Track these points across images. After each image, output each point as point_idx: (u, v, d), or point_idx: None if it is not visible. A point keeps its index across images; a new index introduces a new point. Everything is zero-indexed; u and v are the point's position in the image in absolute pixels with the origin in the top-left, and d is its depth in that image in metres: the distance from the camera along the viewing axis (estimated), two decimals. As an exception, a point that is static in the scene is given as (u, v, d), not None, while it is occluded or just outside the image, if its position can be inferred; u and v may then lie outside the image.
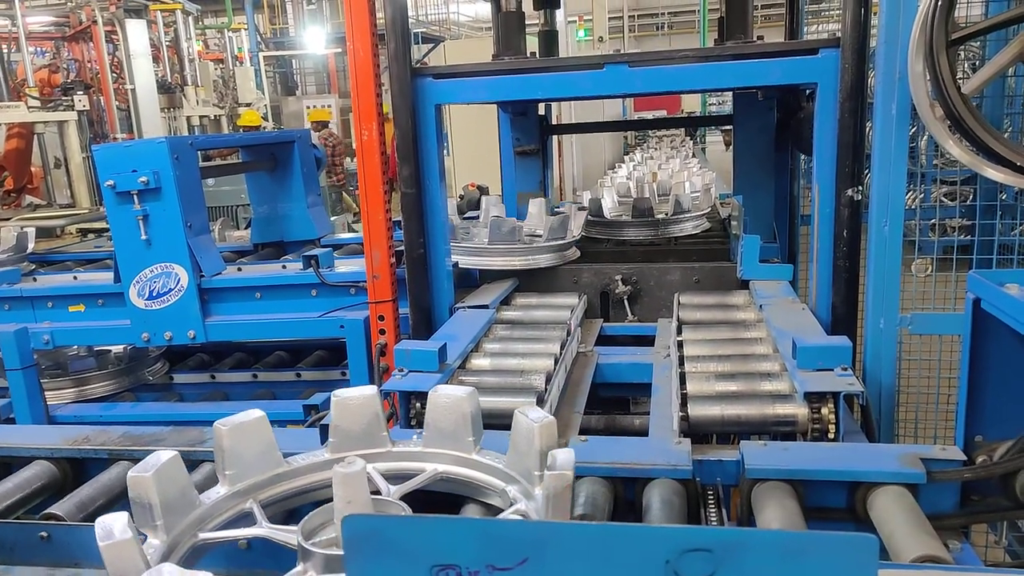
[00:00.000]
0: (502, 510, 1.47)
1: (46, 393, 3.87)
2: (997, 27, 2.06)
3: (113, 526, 1.17)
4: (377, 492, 1.51)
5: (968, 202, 5.20)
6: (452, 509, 1.63)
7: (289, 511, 1.60)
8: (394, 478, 1.59)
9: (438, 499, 1.64)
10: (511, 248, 3.18)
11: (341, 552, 1.25)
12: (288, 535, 1.39)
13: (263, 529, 1.43)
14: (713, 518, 1.59)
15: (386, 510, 1.44)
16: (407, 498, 1.53)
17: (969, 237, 3.67)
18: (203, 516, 1.44)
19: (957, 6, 2.01)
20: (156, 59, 12.37)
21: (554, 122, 5.28)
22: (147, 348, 4.16)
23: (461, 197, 6.03)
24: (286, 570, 1.28)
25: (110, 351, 4.26)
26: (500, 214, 3.63)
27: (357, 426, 1.64)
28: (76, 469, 1.92)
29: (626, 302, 3.11)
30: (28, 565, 1.50)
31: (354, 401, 1.63)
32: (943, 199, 7.07)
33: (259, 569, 1.56)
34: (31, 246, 4.53)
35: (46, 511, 1.69)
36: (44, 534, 1.51)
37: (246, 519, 1.49)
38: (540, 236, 3.35)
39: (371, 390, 1.65)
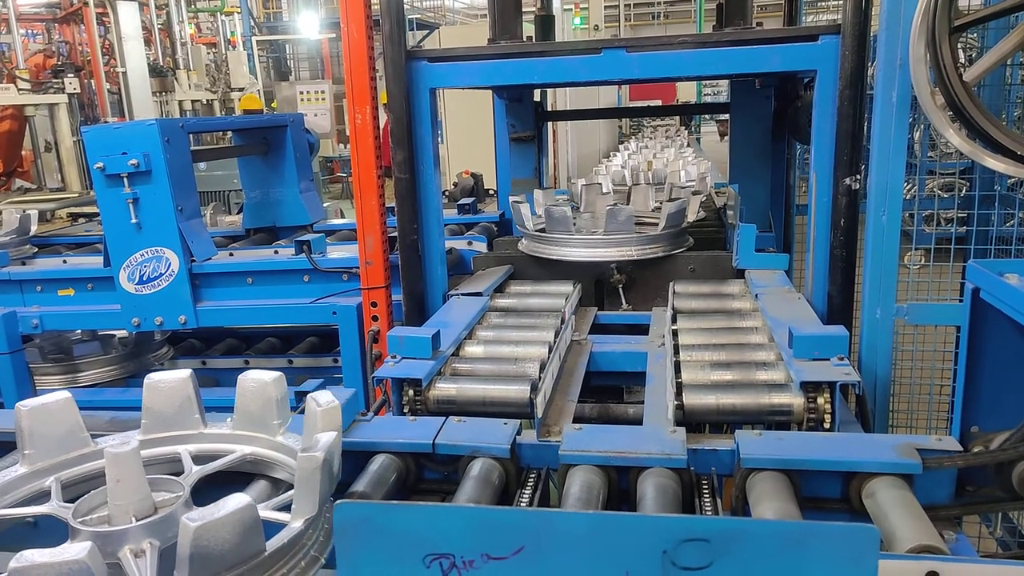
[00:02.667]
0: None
1: (51, 379, 3.86)
2: (1001, 14, 2.04)
3: None
4: (180, 473, 1.56)
5: (963, 193, 5.19)
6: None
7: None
8: (205, 460, 1.64)
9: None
10: (627, 238, 3.04)
11: (109, 529, 1.32)
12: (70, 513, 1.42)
13: (50, 507, 1.46)
14: (708, 508, 1.58)
15: (165, 488, 1.47)
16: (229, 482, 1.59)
17: (965, 228, 3.66)
18: None
19: (959, -7, 1.98)
20: (148, 42, 12.27)
21: (549, 109, 5.24)
22: (152, 333, 4.13)
23: (455, 185, 5.98)
24: None
25: (114, 336, 4.23)
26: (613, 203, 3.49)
27: (169, 408, 1.69)
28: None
29: (621, 291, 3.09)
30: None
31: (166, 384, 1.69)
32: (938, 191, 7.07)
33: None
34: (34, 229, 4.49)
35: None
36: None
37: (44, 497, 1.52)
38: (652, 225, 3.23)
39: (184, 373, 1.70)
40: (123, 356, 4.06)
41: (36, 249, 4.41)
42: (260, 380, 1.66)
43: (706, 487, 1.65)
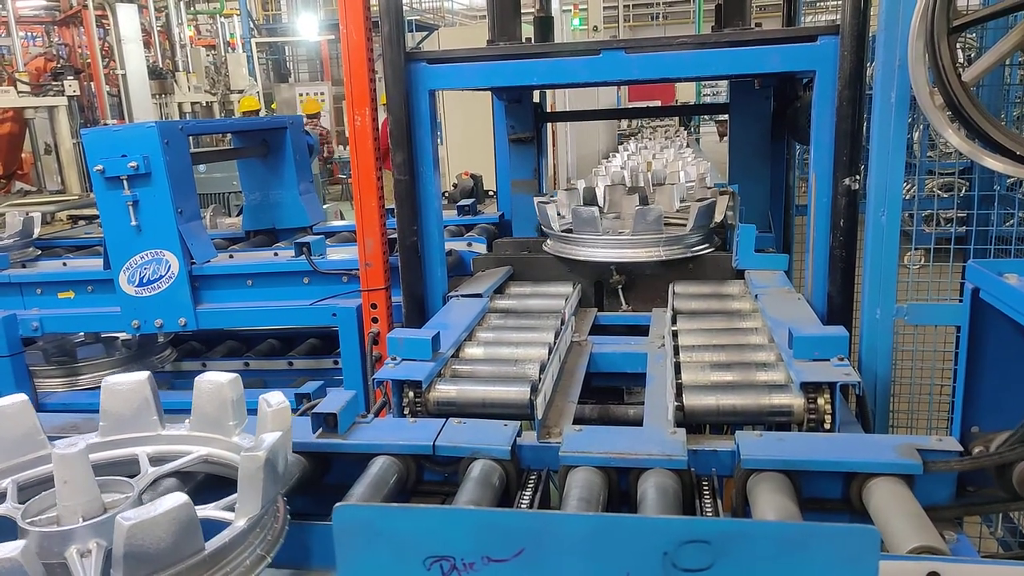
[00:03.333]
0: None
1: (53, 381, 3.86)
2: (1000, 14, 2.04)
3: None
4: (136, 474, 1.57)
5: (963, 193, 5.19)
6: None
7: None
8: (162, 461, 1.65)
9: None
10: (656, 238, 3.00)
11: (55, 529, 1.32)
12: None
13: (3, 509, 1.47)
14: (708, 509, 1.58)
15: (119, 490, 1.48)
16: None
17: (965, 228, 3.66)
18: None
19: (958, -7, 1.98)
20: (147, 44, 12.28)
21: (549, 110, 5.24)
22: (155, 335, 4.13)
23: (454, 186, 5.98)
24: None
25: (117, 338, 4.23)
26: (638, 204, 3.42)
27: (127, 411, 1.70)
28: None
29: (620, 291, 3.09)
30: None
31: (123, 387, 1.69)
32: (937, 191, 7.07)
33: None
34: (37, 231, 4.49)
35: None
36: None
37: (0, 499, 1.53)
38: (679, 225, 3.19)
39: (142, 376, 1.71)
40: (126, 358, 4.06)
41: (40, 252, 4.42)
42: (216, 382, 1.67)
43: (707, 488, 1.64)
